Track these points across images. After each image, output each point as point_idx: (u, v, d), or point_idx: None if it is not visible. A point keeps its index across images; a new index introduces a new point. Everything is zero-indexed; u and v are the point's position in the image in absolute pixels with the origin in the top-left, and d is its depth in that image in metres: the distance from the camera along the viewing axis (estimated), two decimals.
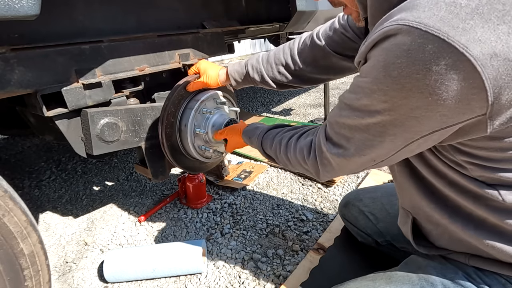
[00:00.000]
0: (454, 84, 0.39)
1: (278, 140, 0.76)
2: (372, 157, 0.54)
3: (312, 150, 0.65)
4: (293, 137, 0.73)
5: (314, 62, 0.90)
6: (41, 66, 0.79)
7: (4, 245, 0.61)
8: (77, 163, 2.07)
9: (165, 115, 0.99)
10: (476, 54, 0.37)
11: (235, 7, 1.37)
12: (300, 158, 0.68)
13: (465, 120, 0.43)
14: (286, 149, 0.73)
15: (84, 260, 1.21)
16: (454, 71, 0.38)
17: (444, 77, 0.38)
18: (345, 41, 0.82)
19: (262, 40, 7.30)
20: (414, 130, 0.46)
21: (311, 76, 0.92)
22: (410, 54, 0.39)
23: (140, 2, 1.01)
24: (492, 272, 0.57)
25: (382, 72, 0.43)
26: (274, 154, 0.78)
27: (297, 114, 2.91)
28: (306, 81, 0.95)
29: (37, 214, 1.53)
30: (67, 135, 0.89)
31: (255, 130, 0.86)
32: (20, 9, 0.54)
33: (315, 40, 0.87)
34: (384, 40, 0.43)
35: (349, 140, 0.55)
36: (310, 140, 0.67)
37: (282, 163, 0.77)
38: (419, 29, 0.38)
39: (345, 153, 0.56)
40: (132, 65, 1.00)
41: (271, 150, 0.79)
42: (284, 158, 0.74)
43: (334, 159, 0.59)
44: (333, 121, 0.59)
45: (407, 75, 0.40)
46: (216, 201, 1.50)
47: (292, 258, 1.12)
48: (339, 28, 0.83)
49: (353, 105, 0.52)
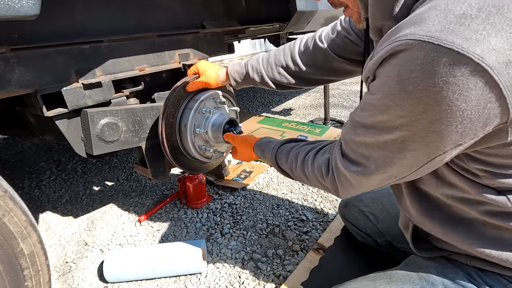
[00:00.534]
0: (472, 94, 0.38)
1: (294, 154, 0.74)
2: (393, 174, 0.53)
3: (330, 168, 0.63)
4: (310, 152, 0.70)
5: (315, 64, 0.89)
6: (41, 66, 0.79)
7: (4, 245, 0.61)
8: (77, 163, 2.07)
9: (165, 115, 0.99)
10: (492, 63, 0.37)
11: (235, 7, 1.37)
12: (319, 175, 0.66)
13: (487, 131, 0.42)
14: (303, 165, 0.70)
15: (84, 260, 1.21)
16: (472, 81, 0.38)
17: (461, 87, 0.38)
18: (347, 44, 0.82)
19: (262, 40, 7.30)
20: (435, 145, 0.44)
21: (311, 77, 0.92)
22: (425, 68, 0.39)
23: (140, 2, 1.01)
24: (493, 273, 0.57)
25: (397, 88, 0.43)
26: (289, 169, 0.75)
27: (297, 114, 2.91)
28: (306, 83, 0.94)
29: (37, 214, 1.53)
30: (67, 135, 0.89)
31: (268, 143, 0.84)
32: (20, 9, 0.54)
33: (318, 42, 0.87)
34: (394, 56, 0.42)
35: (368, 159, 0.54)
36: (328, 157, 0.65)
37: (298, 178, 0.74)
38: (431, 43, 0.38)
39: (365, 171, 0.55)
40: (132, 65, 1.00)
41: (286, 165, 0.76)
42: (300, 174, 0.72)
43: (353, 177, 0.57)
44: (348, 139, 0.57)
45: (424, 89, 0.40)
46: (216, 201, 1.50)
47: (292, 258, 1.12)
48: (341, 31, 0.83)
49: (367, 123, 0.51)
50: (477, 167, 0.50)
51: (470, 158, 0.50)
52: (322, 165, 0.65)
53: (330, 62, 0.87)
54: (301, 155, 0.72)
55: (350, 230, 1.10)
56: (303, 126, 2.35)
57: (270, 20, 1.52)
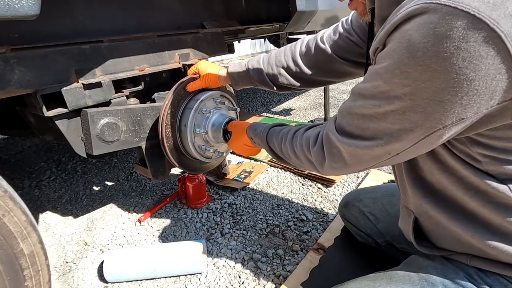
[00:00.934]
0: (482, 63, 0.37)
1: (285, 131, 0.76)
2: (387, 150, 0.51)
3: (319, 140, 0.63)
4: (301, 129, 0.72)
5: (316, 65, 0.89)
6: (41, 66, 0.79)
7: (4, 245, 0.61)
8: (77, 163, 2.07)
9: (165, 115, 0.99)
10: (507, 30, 0.36)
11: (235, 7, 1.37)
12: (305, 147, 0.66)
13: (491, 106, 0.41)
14: (292, 139, 0.71)
15: (84, 260, 1.21)
16: (484, 48, 0.37)
17: (472, 55, 0.37)
18: (349, 45, 0.82)
19: (262, 40, 7.30)
20: (436, 117, 0.43)
21: (312, 79, 0.92)
22: (437, 32, 0.38)
23: (140, 2, 1.01)
24: (493, 273, 0.57)
25: (405, 54, 0.41)
26: (279, 146, 0.76)
27: (297, 114, 2.91)
28: (307, 84, 0.94)
29: (37, 214, 1.53)
30: (67, 135, 0.89)
31: (262, 124, 0.86)
32: (20, 9, 0.54)
33: (319, 43, 0.87)
34: (408, 21, 0.41)
35: (364, 130, 0.52)
36: (318, 131, 0.65)
37: (286, 155, 0.74)
38: (447, 5, 0.37)
39: (359, 144, 0.53)
40: (132, 65, 1.00)
41: (276, 142, 0.77)
42: (288, 149, 0.72)
43: (345, 148, 0.56)
44: (345, 113, 0.56)
45: (433, 55, 0.39)
46: (216, 201, 1.50)
47: (292, 258, 1.11)
48: (343, 32, 0.83)
49: (368, 93, 0.50)
50: (479, 151, 0.49)
51: (473, 142, 0.49)
52: (311, 137, 0.65)
53: (331, 64, 0.87)
54: (291, 131, 0.74)
55: (350, 230, 1.10)
56: None
57: (270, 20, 1.52)
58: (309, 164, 0.68)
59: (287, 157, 0.75)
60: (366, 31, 0.79)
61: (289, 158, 0.74)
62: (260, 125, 0.86)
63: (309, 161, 0.67)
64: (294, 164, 0.75)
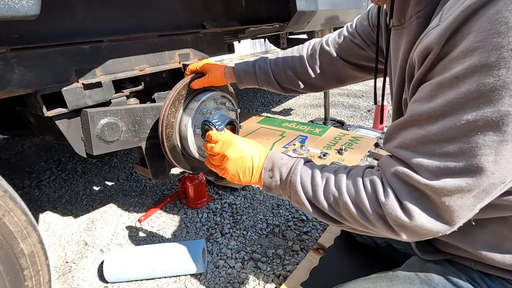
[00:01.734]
0: None
1: (320, 168, 0.57)
2: (502, 177, 0.38)
3: (389, 191, 0.45)
4: (345, 169, 0.55)
5: (321, 68, 0.90)
6: (41, 66, 0.79)
7: (4, 245, 0.61)
8: (77, 163, 2.07)
9: (165, 115, 0.99)
10: None
11: (235, 7, 1.37)
12: (372, 195, 0.47)
13: None
14: (338, 180, 0.53)
15: (84, 260, 1.21)
16: None
17: None
18: (353, 48, 0.83)
19: (262, 40, 7.31)
20: None
21: (316, 82, 0.92)
22: None
23: (140, 2, 1.01)
24: (498, 277, 0.55)
25: (506, 39, 0.33)
26: (312, 189, 0.55)
27: (297, 114, 2.91)
28: (310, 87, 0.95)
29: (37, 214, 1.53)
30: (67, 135, 0.89)
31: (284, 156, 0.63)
32: (20, 9, 0.54)
33: (324, 46, 0.88)
34: (489, 5, 0.34)
35: (461, 155, 0.39)
36: (379, 173, 0.49)
37: (322, 203, 0.53)
38: None
39: (458, 182, 0.39)
40: (132, 65, 1.00)
41: (307, 182, 0.56)
42: (332, 194, 0.52)
43: (439, 192, 0.41)
44: (415, 144, 0.44)
45: None
46: (216, 201, 1.50)
47: (292, 258, 1.11)
48: (347, 35, 0.84)
49: (449, 108, 0.39)
50: None
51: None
52: (376, 181, 0.48)
53: (335, 67, 0.87)
54: (331, 169, 0.56)
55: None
56: (303, 126, 2.35)
57: (270, 20, 1.52)
58: (373, 222, 0.48)
59: (324, 206, 0.53)
60: (370, 34, 0.79)
61: (327, 208, 0.53)
62: (282, 157, 0.63)
63: (377, 216, 0.47)
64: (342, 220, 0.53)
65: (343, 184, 0.51)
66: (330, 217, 0.54)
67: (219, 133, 0.68)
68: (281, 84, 0.94)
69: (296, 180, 0.56)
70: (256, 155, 0.63)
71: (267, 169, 0.61)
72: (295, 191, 0.57)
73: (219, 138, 0.67)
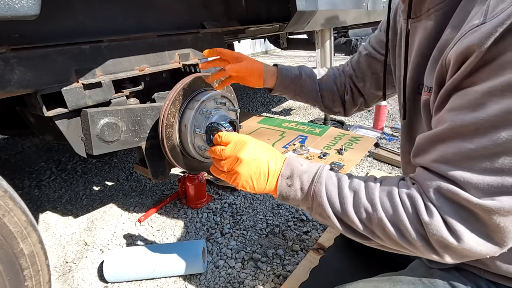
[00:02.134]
0: None
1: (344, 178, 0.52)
2: None
3: (433, 211, 0.41)
4: (376, 180, 0.50)
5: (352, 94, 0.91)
6: (41, 66, 0.79)
7: (4, 245, 0.61)
8: (77, 163, 2.07)
9: (165, 115, 0.99)
10: None
11: (235, 7, 1.37)
12: (411, 211, 0.42)
13: None
14: (367, 193, 0.47)
15: (84, 260, 1.21)
16: None
17: None
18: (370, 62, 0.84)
19: (262, 40, 7.30)
20: None
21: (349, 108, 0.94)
22: None
23: (140, 2, 1.01)
24: (506, 287, 0.52)
25: None
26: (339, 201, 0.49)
27: (297, 114, 2.91)
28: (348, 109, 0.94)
29: (37, 214, 1.53)
30: (67, 135, 0.89)
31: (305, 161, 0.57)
32: (20, 9, 0.54)
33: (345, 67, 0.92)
34: None
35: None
36: (417, 187, 0.44)
37: (351, 219, 0.48)
38: None
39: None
40: (132, 65, 1.00)
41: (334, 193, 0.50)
42: (362, 207, 0.47)
43: (492, 211, 0.37)
44: (458, 157, 0.39)
45: None
46: (216, 201, 1.50)
47: (292, 258, 1.12)
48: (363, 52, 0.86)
49: (507, 115, 0.35)
50: None
51: None
52: (416, 197, 0.42)
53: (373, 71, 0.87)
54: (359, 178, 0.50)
55: None
56: (303, 126, 2.35)
57: (270, 20, 1.52)
58: (413, 243, 0.43)
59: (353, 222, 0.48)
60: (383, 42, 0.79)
61: (362, 225, 0.48)
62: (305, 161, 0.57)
63: (419, 236, 0.42)
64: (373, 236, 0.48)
65: (376, 197, 0.46)
66: (359, 234, 0.49)
67: (230, 133, 0.60)
68: (323, 97, 0.93)
69: (320, 190, 0.50)
70: (272, 159, 0.55)
71: (285, 176, 0.54)
72: (319, 203, 0.50)
73: (230, 139, 0.58)
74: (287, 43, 3.19)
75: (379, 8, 2.24)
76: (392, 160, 1.79)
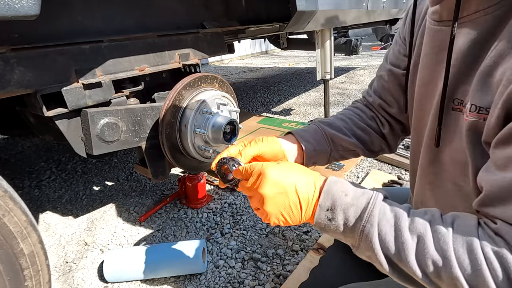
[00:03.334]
0: None
1: (403, 216, 0.41)
2: None
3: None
4: (436, 217, 0.40)
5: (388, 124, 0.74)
6: (41, 66, 0.79)
7: (4, 245, 0.61)
8: (77, 163, 2.07)
9: (165, 115, 0.99)
10: None
11: (235, 7, 1.37)
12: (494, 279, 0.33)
13: None
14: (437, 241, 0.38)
15: (84, 260, 1.21)
16: None
17: None
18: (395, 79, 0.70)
19: (262, 40, 7.31)
20: None
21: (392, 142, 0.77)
22: None
23: (140, 2, 1.01)
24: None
25: None
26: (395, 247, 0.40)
27: (297, 114, 2.91)
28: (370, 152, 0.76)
29: (37, 214, 1.53)
30: (67, 135, 0.89)
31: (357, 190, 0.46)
32: (20, 9, 0.54)
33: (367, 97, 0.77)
34: None
35: None
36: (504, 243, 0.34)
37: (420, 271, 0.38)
38: None
39: None
40: (132, 65, 1.00)
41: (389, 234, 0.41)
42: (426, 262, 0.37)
43: None
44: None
45: None
46: (216, 201, 1.50)
47: (292, 258, 1.12)
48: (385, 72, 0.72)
49: None
50: None
51: None
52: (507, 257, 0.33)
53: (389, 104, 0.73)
54: (422, 216, 0.41)
55: None
56: (303, 126, 2.35)
57: (270, 20, 1.52)
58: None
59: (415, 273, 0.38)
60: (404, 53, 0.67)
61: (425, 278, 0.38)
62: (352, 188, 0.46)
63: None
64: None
65: (450, 249, 0.36)
66: (416, 283, 0.40)
67: (248, 165, 0.50)
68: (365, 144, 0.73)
69: (372, 233, 0.41)
70: (301, 183, 0.45)
71: (325, 207, 0.44)
72: (368, 246, 0.42)
73: (249, 170, 0.49)
74: (287, 43, 3.20)
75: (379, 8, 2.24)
76: (392, 160, 1.78)
